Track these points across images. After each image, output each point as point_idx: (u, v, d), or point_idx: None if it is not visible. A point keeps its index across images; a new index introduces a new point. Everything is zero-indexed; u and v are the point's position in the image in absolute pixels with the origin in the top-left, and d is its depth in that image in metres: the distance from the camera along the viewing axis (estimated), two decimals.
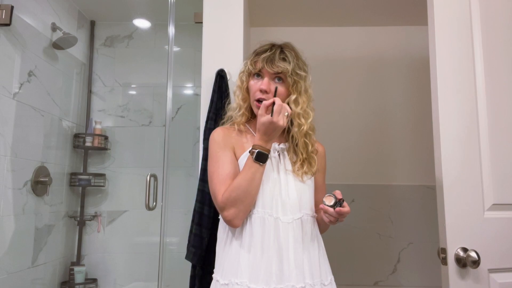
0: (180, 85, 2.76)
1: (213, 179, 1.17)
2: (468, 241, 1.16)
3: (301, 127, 1.21)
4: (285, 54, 1.21)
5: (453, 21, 1.28)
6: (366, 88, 2.66)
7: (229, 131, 1.24)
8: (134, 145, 2.74)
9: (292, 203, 1.16)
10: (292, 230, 1.13)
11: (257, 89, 1.20)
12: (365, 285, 2.48)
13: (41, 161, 2.26)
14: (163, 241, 1.94)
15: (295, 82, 1.20)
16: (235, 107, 1.28)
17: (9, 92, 1.99)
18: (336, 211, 1.08)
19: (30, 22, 2.17)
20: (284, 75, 1.20)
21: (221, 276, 1.14)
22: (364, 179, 2.58)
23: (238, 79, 1.29)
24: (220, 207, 1.13)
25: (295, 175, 1.20)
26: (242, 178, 1.10)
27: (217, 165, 1.17)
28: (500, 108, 1.27)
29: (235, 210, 1.10)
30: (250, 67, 1.23)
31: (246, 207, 1.12)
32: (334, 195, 1.11)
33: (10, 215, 1.99)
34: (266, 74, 1.20)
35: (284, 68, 1.18)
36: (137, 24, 2.84)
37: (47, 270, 2.33)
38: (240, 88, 1.27)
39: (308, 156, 1.23)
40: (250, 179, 1.10)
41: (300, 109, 1.21)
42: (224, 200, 1.11)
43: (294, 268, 1.10)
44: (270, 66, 1.18)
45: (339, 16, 2.59)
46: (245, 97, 1.26)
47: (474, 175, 1.22)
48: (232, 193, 1.10)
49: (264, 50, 1.22)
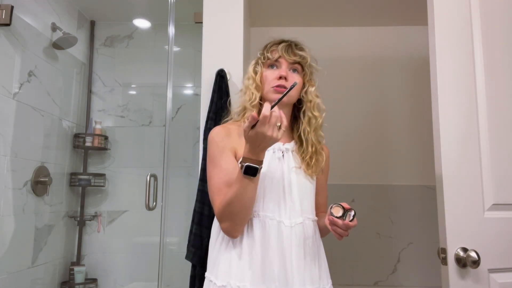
0: (180, 85, 2.76)
1: (210, 186, 1.14)
2: (468, 241, 1.16)
3: (317, 120, 1.20)
4: (302, 46, 1.22)
5: (453, 21, 1.28)
6: (366, 88, 2.66)
7: (229, 130, 1.19)
8: (134, 145, 2.73)
9: (295, 207, 1.14)
10: (294, 234, 1.11)
11: (275, 77, 1.17)
12: (365, 285, 2.48)
13: (41, 161, 2.26)
14: (163, 241, 1.93)
15: (312, 74, 1.21)
16: (248, 98, 1.20)
17: (9, 92, 1.99)
18: (344, 223, 1.04)
19: (30, 22, 2.17)
20: (301, 66, 1.20)
21: (216, 277, 1.10)
22: (364, 179, 2.57)
23: (251, 70, 1.23)
24: (217, 218, 1.11)
25: (303, 172, 1.17)
26: (233, 193, 1.03)
27: (215, 170, 1.13)
28: (500, 108, 1.27)
29: (231, 224, 1.07)
30: (268, 55, 1.20)
31: (242, 220, 1.08)
32: (342, 205, 1.07)
33: (10, 215, 1.99)
34: (283, 63, 1.19)
35: (304, 57, 1.19)
36: (137, 24, 2.84)
37: (47, 270, 2.33)
38: (254, 78, 1.21)
39: (317, 151, 1.21)
40: (241, 194, 1.03)
41: (319, 100, 1.21)
42: (219, 213, 1.08)
43: (296, 273, 1.08)
44: (288, 54, 1.18)
45: (339, 16, 2.59)
46: (258, 87, 1.20)
47: (474, 175, 1.22)
48: (225, 208, 1.06)
49: (279, 42, 1.22)
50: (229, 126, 1.21)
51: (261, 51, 1.24)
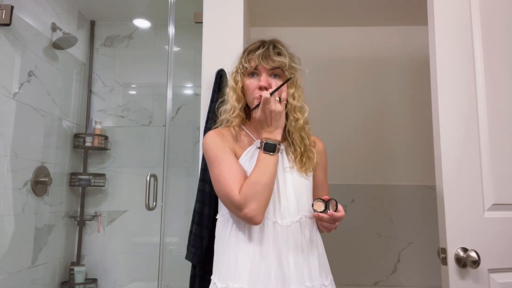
0: (180, 85, 2.76)
1: (221, 180, 1.11)
2: (468, 241, 1.16)
3: (298, 121, 1.20)
4: (279, 49, 1.19)
5: (453, 21, 1.28)
6: (366, 88, 2.66)
7: (223, 134, 1.20)
8: (134, 145, 2.73)
9: (290, 206, 1.14)
10: (291, 233, 1.12)
11: (255, 87, 1.17)
12: (365, 285, 2.48)
13: (41, 161, 2.26)
14: (163, 241, 1.94)
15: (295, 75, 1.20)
16: (229, 108, 1.22)
17: (9, 92, 1.99)
18: (329, 215, 1.07)
19: (30, 22, 2.17)
20: (281, 70, 1.18)
21: (218, 279, 1.11)
22: (364, 179, 2.57)
23: (231, 80, 1.24)
24: (238, 205, 1.06)
25: (297, 170, 1.18)
26: (257, 172, 1.07)
27: (222, 166, 1.12)
28: (500, 108, 1.27)
29: (256, 205, 1.05)
30: (245, 65, 1.19)
31: (267, 200, 1.08)
32: (322, 199, 1.10)
33: (10, 215, 1.99)
34: (263, 71, 1.18)
35: (282, 62, 1.16)
36: (137, 24, 2.84)
37: (47, 270, 2.33)
38: (235, 89, 1.21)
39: (306, 149, 1.21)
40: (265, 171, 1.07)
41: (297, 103, 1.19)
42: (243, 197, 1.05)
43: (294, 272, 1.09)
44: (266, 61, 1.16)
45: (339, 16, 2.59)
46: (239, 97, 1.21)
47: (474, 175, 1.22)
48: (251, 188, 1.06)
49: (256, 48, 1.20)
50: (222, 131, 1.22)
51: (239, 59, 1.24)
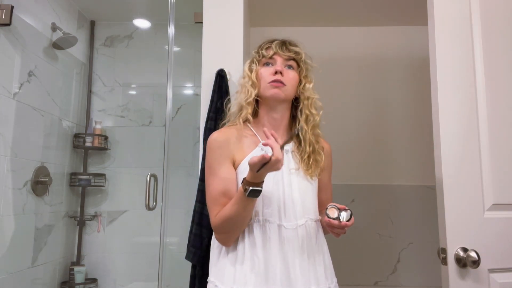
0: (180, 85, 2.76)
1: (207, 193, 1.16)
2: (468, 241, 1.16)
3: (315, 118, 1.20)
4: (296, 43, 1.24)
5: (453, 21, 1.28)
6: (366, 88, 2.66)
7: (228, 135, 1.18)
8: (134, 145, 2.73)
9: (296, 209, 1.13)
10: (296, 236, 1.11)
11: (270, 73, 1.17)
12: (365, 285, 2.48)
13: (41, 161, 2.26)
14: (163, 241, 1.93)
15: (308, 70, 1.22)
16: (243, 96, 1.20)
17: (9, 92, 1.99)
18: (343, 225, 1.05)
19: (30, 22, 2.17)
20: (296, 62, 1.20)
21: (221, 282, 1.10)
22: (364, 179, 2.58)
23: (247, 68, 1.23)
24: (213, 228, 1.14)
25: (302, 173, 1.17)
26: (233, 211, 1.07)
27: (211, 179, 1.15)
28: (500, 108, 1.27)
29: (226, 236, 1.12)
30: (262, 52, 1.21)
31: (237, 232, 1.12)
32: (336, 206, 1.08)
33: (10, 215, 1.99)
34: (278, 60, 1.19)
35: (299, 52, 1.20)
36: (137, 24, 2.84)
37: (47, 270, 2.33)
38: (249, 76, 1.21)
39: (315, 151, 1.20)
40: (241, 212, 1.07)
41: (317, 98, 1.21)
42: (216, 226, 1.12)
43: (300, 275, 1.08)
44: (283, 50, 1.19)
45: (339, 16, 2.59)
46: (254, 84, 1.20)
47: (474, 175, 1.22)
48: (223, 222, 1.09)
49: (273, 40, 1.23)
50: (227, 131, 1.20)
51: (256, 49, 1.25)
